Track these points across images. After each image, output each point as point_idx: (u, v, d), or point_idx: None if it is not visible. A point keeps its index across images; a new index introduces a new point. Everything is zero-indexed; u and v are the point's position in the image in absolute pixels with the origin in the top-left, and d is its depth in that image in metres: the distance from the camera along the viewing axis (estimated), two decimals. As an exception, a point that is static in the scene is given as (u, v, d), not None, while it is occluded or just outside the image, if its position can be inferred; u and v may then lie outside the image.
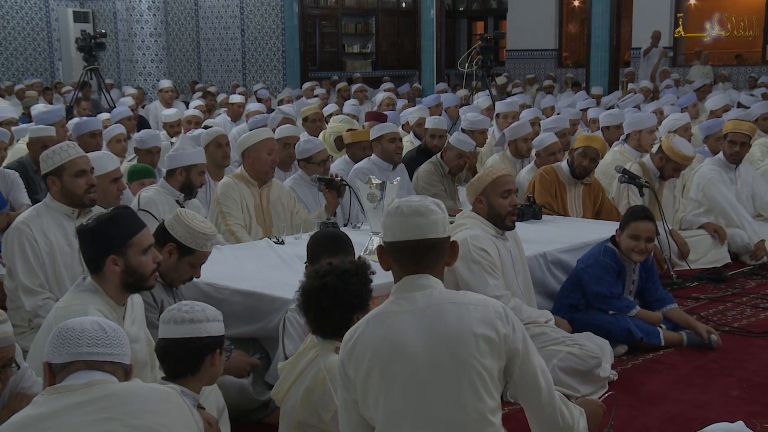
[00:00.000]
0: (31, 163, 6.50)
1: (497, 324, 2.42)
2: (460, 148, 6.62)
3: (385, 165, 6.29)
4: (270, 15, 18.18)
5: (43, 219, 4.14)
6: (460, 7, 23.55)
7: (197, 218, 3.62)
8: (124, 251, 3.02)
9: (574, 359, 3.98)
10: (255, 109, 9.82)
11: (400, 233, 2.50)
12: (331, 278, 2.89)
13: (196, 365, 2.78)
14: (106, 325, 2.25)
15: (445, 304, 2.45)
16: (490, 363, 2.39)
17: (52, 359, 2.20)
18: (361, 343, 2.45)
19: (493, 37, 11.41)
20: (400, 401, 2.39)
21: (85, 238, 3.05)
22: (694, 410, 3.85)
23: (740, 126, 6.74)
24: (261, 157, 5.39)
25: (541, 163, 6.53)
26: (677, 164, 6.26)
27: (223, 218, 5.26)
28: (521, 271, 4.38)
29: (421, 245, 2.49)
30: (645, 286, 4.81)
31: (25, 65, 18.77)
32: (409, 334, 2.40)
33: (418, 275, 2.49)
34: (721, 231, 6.39)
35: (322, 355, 2.94)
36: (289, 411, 2.97)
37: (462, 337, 2.39)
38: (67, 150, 4.12)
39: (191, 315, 2.77)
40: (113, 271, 3.02)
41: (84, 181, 4.11)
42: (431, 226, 2.49)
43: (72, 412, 2.09)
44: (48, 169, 4.12)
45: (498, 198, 4.14)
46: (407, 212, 2.50)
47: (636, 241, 4.60)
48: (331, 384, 2.84)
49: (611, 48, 13.77)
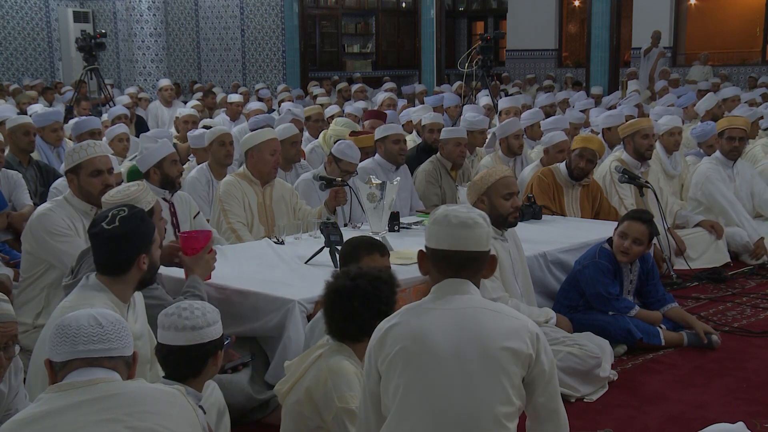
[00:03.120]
0: (15, 158, 6.52)
1: (526, 341, 2.44)
2: (455, 136, 6.67)
3: (389, 165, 6.30)
4: (270, 15, 18.18)
5: (65, 211, 4.16)
6: (460, 7, 23.55)
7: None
8: (150, 248, 3.07)
9: (574, 359, 3.98)
10: (255, 108, 9.81)
11: (444, 242, 2.53)
12: (363, 281, 2.90)
13: (198, 369, 2.80)
14: (103, 318, 2.21)
15: (481, 309, 2.49)
16: (515, 370, 2.41)
17: (52, 357, 2.20)
18: (392, 334, 2.48)
19: (493, 37, 11.42)
20: (417, 393, 2.40)
21: (115, 240, 2.98)
22: (694, 410, 3.85)
23: (735, 121, 6.76)
24: (264, 157, 5.39)
25: (548, 161, 6.54)
26: (639, 131, 6.39)
27: (225, 216, 5.27)
28: (521, 273, 4.38)
29: (462, 256, 2.53)
30: (646, 286, 4.82)
31: (25, 65, 18.77)
32: (440, 330, 2.43)
33: (458, 279, 2.53)
34: (718, 226, 6.39)
35: (326, 355, 2.94)
36: (291, 409, 2.97)
37: (492, 339, 2.41)
38: (87, 148, 4.13)
39: (192, 322, 2.75)
40: (140, 270, 3.04)
41: (99, 180, 4.12)
42: (475, 239, 2.53)
43: (76, 410, 2.09)
44: (68, 166, 4.16)
45: (500, 199, 4.15)
46: (454, 222, 2.52)
47: (622, 240, 4.61)
48: (333, 386, 2.84)
49: (611, 48, 13.78)
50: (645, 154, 6.44)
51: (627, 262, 4.66)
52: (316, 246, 4.52)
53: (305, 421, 2.92)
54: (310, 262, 4.41)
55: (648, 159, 6.49)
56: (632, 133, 6.45)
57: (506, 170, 4.34)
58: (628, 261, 4.65)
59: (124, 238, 2.98)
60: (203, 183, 5.99)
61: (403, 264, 4.35)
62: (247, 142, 5.47)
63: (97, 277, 3.03)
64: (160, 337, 2.80)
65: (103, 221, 3.02)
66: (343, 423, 2.83)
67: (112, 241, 2.99)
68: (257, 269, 4.41)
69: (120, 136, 7.30)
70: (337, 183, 5.38)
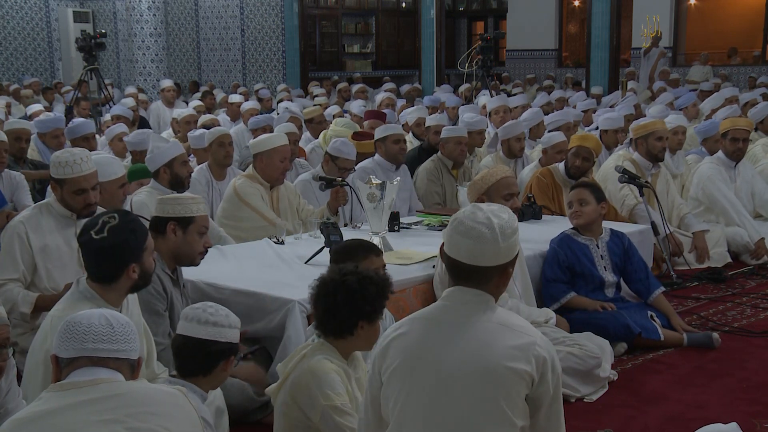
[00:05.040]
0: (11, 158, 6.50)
1: (531, 360, 2.33)
2: (455, 135, 6.68)
3: (388, 165, 6.30)
4: (270, 15, 18.17)
5: (42, 218, 4.16)
6: (460, 7, 23.54)
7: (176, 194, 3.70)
8: (141, 257, 3.03)
9: (574, 359, 3.98)
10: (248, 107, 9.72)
11: (456, 252, 2.41)
12: (352, 278, 2.90)
13: (209, 368, 2.82)
14: (114, 319, 2.22)
15: (489, 323, 2.39)
16: (517, 390, 2.33)
17: (59, 353, 2.20)
18: (396, 344, 2.43)
19: (493, 37, 11.44)
20: (416, 406, 2.37)
21: (103, 252, 2.95)
22: (694, 410, 3.85)
23: (738, 123, 6.76)
24: (273, 163, 5.42)
25: (546, 161, 6.54)
26: (654, 133, 6.35)
27: (261, 214, 5.32)
28: (519, 273, 4.38)
29: (476, 271, 2.40)
30: (627, 265, 4.87)
31: (25, 65, 18.77)
32: (443, 345, 2.37)
33: (471, 289, 2.42)
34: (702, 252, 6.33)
35: (309, 355, 2.95)
36: (280, 410, 2.98)
37: (496, 358, 2.32)
38: (74, 165, 4.03)
39: (215, 318, 2.81)
40: (130, 279, 3.02)
41: (82, 198, 4.08)
42: (494, 254, 2.38)
43: (76, 410, 2.09)
44: (53, 175, 4.11)
45: (500, 199, 4.16)
46: (474, 235, 2.37)
47: (571, 209, 4.87)
48: (315, 386, 2.85)
49: (611, 48, 13.77)
50: (658, 156, 6.42)
51: (584, 224, 4.81)
52: (316, 246, 4.52)
53: (294, 422, 2.93)
54: (310, 262, 4.41)
55: (660, 161, 6.48)
56: (646, 134, 6.38)
57: (507, 170, 4.35)
58: (584, 223, 4.81)
59: (111, 249, 2.94)
60: (203, 183, 5.99)
61: (403, 264, 4.36)
62: (258, 146, 5.48)
63: (87, 284, 3.02)
64: (180, 328, 2.84)
65: (92, 228, 2.98)
66: (331, 419, 2.83)
67: (99, 253, 2.96)
68: (257, 269, 4.41)
69: (120, 135, 7.29)
70: (337, 183, 5.39)
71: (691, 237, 6.37)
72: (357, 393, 2.94)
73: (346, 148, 5.76)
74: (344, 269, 2.96)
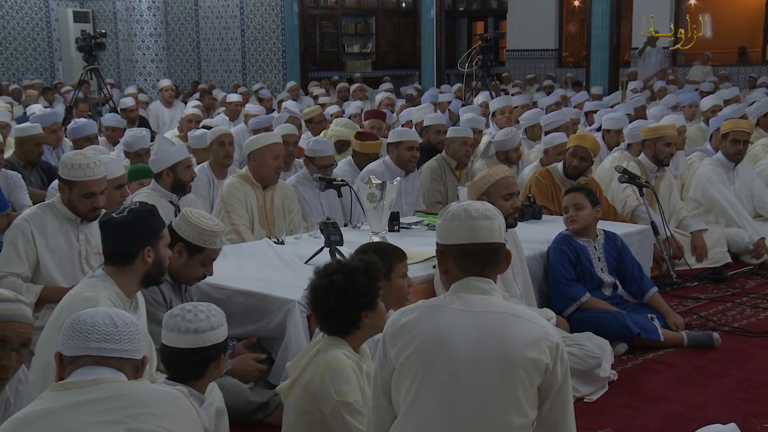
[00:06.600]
0: (19, 161, 6.53)
1: (546, 350, 2.37)
2: (461, 135, 6.67)
3: (398, 170, 6.18)
4: (270, 15, 18.16)
5: (46, 217, 4.16)
6: (460, 7, 23.55)
7: (204, 216, 3.67)
8: (157, 243, 3.10)
9: (574, 359, 3.97)
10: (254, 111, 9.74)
11: (468, 236, 2.49)
12: (338, 277, 2.89)
13: (201, 372, 2.81)
14: (118, 318, 2.21)
15: (502, 313, 2.42)
16: (532, 379, 2.35)
17: (63, 351, 2.19)
18: (408, 329, 2.42)
19: (493, 37, 11.41)
20: (430, 397, 2.35)
21: (121, 229, 3.04)
22: (694, 410, 3.85)
23: (740, 124, 6.76)
24: (266, 161, 5.39)
25: (547, 162, 6.54)
26: (663, 138, 6.34)
27: (229, 217, 5.28)
28: (520, 273, 4.38)
29: (487, 249, 2.49)
30: (621, 266, 4.90)
31: (25, 65, 18.76)
32: (459, 333, 2.37)
33: (480, 278, 2.48)
34: (701, 250, 6.34)
35: (322, 350, 2.94)
36: (292, 406, 2.97)
37: (514, 348, 2.34)
38: (86, 169, 4.02)
39: (195, 325, 2.77)
40: (145, 263, 3.07)
41: (90, 202, 4.09)
42: (497, 230, 2.50)
43: (77, 410, 2.08)
44: (64, 176, 4.10)
45: (500, 200, 4.16)
46: (475, 215, 2.49)
47: (566, 213, 4.88)
48: (330, 380, 2.84)
49: (611, 48, 13.77)
50: (664, 161, 6.43)
51: (580, 228, 4.83)
52: (316, 246, 4.52)
53: (306, 417, 2.92)
54: (310, 262, 4.41)
55: (666, 165, 6.50)
56: (655, 138, 6.39)
57: (506, 170, 4.35)
58: (580, 227, 4.83)
59: (129, 226, 3.04)
60: (204, 182, 6.00)
61: (403, 264, 4.35)
62: (251, 145, 5.47)
63: (104, 270, 3.08)
64: (163, 338, 2.81)
65: (114, 212, 3.10)
66: (341, 416, 2.82)
67: (118, 229, 3.05)
68: (257, 269, 4.41)
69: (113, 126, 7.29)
70: (337, 182, 5.39)
71: (689, 237, 6.38)
72: (366, 387, 2.92)
73: (319, 146, 5.81)
74: (328, 269, 2.95)
